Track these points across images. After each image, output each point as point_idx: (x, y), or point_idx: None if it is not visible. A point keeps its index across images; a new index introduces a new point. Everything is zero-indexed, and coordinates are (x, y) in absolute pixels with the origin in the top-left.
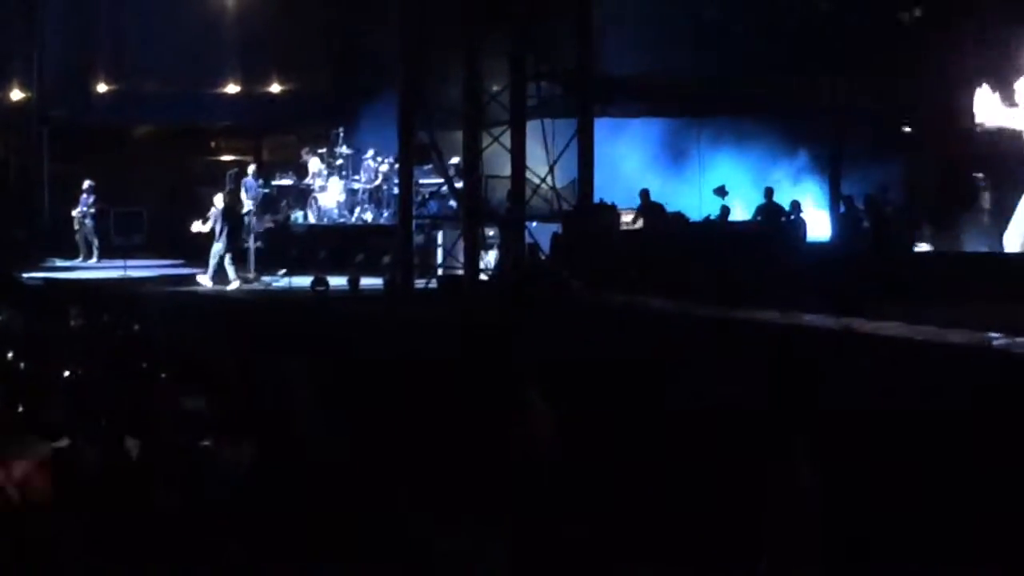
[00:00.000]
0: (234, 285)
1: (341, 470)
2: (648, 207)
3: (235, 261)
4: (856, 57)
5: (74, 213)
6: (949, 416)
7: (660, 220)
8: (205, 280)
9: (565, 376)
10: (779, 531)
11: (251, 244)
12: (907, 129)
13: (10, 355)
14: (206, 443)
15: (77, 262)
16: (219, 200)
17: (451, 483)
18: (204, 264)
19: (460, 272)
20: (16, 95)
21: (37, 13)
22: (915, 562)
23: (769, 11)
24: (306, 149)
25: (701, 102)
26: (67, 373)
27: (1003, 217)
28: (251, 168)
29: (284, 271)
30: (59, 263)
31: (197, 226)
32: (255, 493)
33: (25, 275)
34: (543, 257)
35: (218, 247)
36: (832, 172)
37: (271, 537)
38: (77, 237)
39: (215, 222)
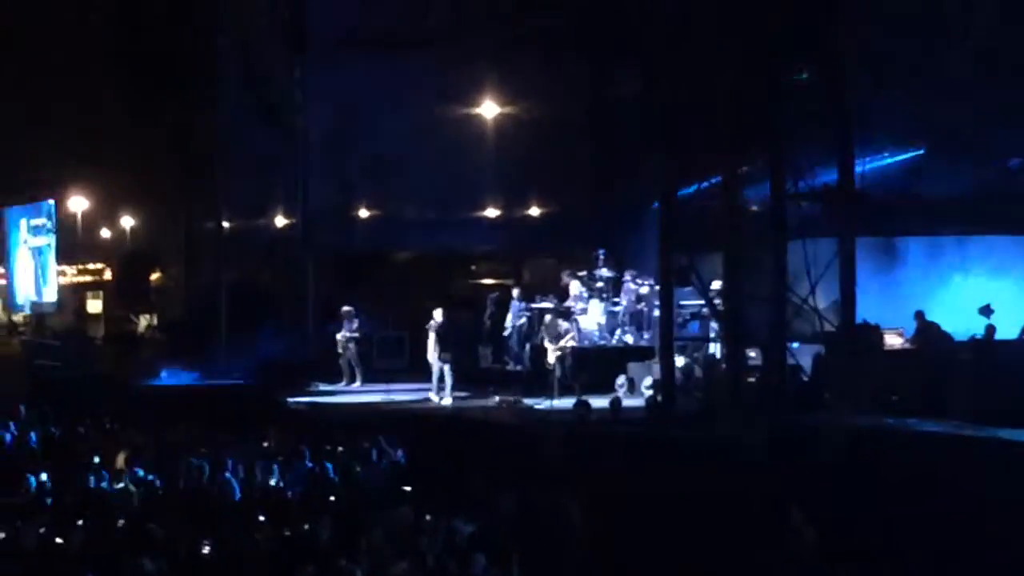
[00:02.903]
0: (447, 400)
1: None
2: (925, 328)
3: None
4: None
5: (338, 337)
6: None
7: (936, 340)
8: (441, 398)
9: (824, 498)
10: None
11: (513, 365)
12: None
13: (274, 481)
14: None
15: (340, 386)
16: (438, 314)
17: None
18: (456, 385)
19: None
20: (280, 221)
21: (298, 143)
22: None
23: None
24: (567, 272)
25: (959, 221)
26: (332, 498)
27: None
28: (516, 291)
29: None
30: (323, 387)
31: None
32: None
33: (290, 399)
34: (805, 379)
35: (440, 360)
36: None
37: None
38: (341, 361)
39: (435, 336)
